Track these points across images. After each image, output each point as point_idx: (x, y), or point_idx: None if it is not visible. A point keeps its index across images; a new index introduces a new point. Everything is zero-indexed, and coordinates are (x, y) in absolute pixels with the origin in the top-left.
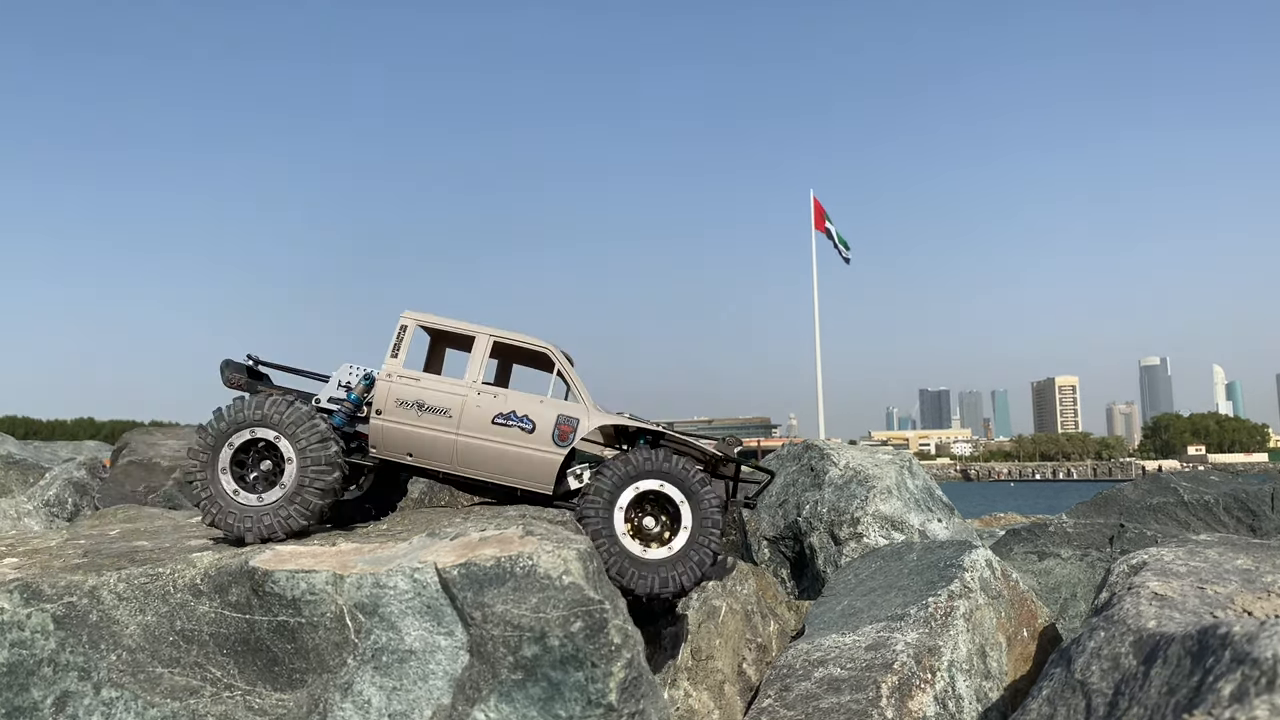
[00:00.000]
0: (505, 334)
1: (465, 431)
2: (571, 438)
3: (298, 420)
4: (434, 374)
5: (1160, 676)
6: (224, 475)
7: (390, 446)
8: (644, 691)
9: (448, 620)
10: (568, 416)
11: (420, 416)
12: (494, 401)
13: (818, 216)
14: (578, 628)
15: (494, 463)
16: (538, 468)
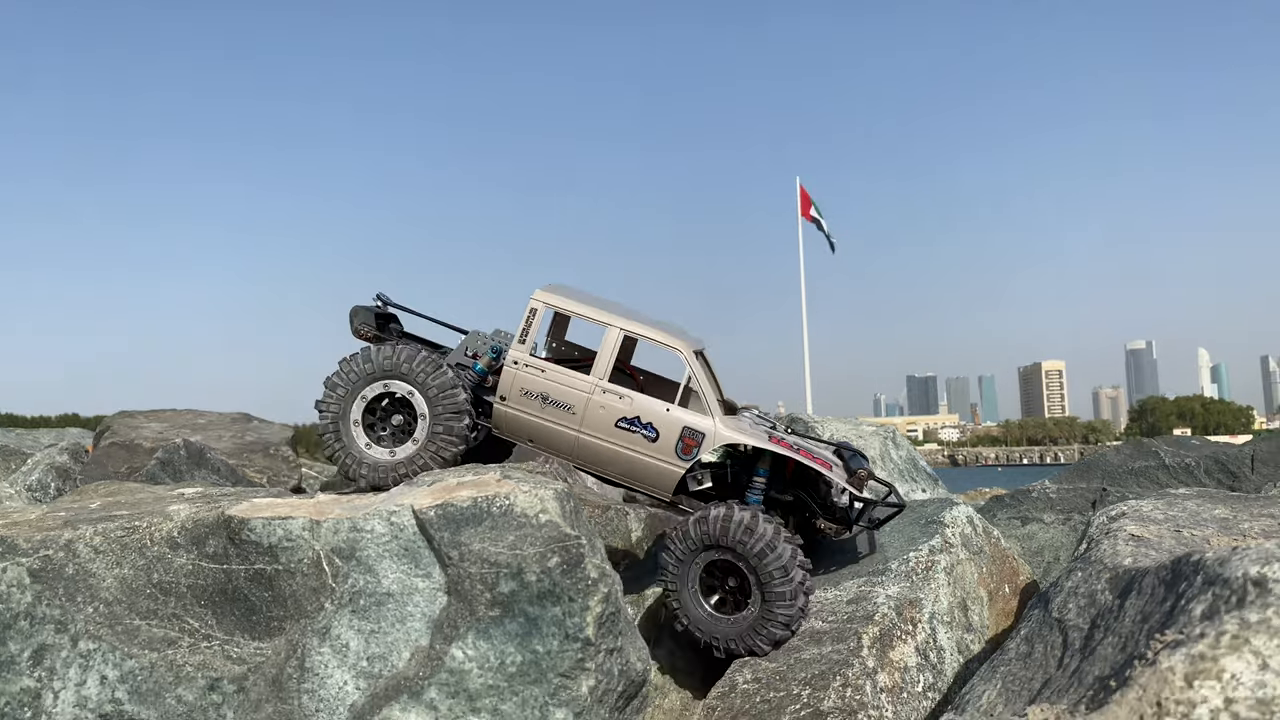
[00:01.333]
0: (638, 328)
1: (587, 430)
2: (695, 453)
3: (442, 385)
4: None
5: (1134, 606)
6: (356, 428)
7: (513, 432)
8: (621, 629)
9: (425, 562)
10: (693, 430)
11: (544, 409)
12: (619, 404)
13: (804, 204)
14: (554, 563)
15: (613, 465)
16: (658, 478)
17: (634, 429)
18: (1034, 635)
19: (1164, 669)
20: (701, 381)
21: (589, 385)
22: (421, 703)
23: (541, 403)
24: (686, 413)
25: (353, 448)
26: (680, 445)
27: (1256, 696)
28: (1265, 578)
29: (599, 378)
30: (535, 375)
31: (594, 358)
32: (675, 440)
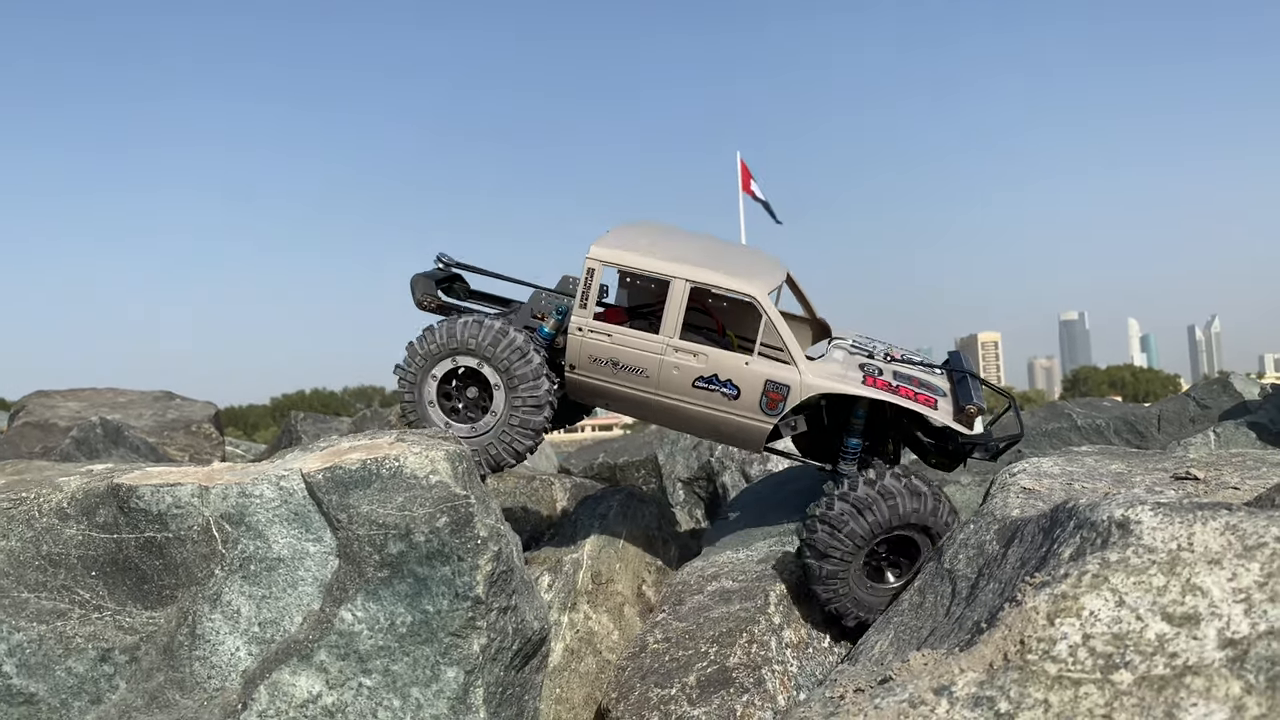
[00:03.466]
0: (705, 276)
1: (664, 393)
2: (781, 406)
3: (524, 376)
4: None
5: (1015, 554)
6: (433, 409)
7: (587, 398)
8: (515, 587)
9: (316, 526)
10: (777, 383)
11: (615, 374)
12: (694, 363)
13: (744, 178)
14: (443, 523)
15: (696, 424)
16: (744, 434)
17: (712, 387)
18: (926, 586)
19: (1028, 608)
20: (781, 329)
21: (660, 345)
22: (312, 665)
23: (613, 368)
24: (768, 364)
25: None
26: (765, 400)
27: (1112, 631)
28: (1128, 520)
29: (669, 335)
30: (602, 340)
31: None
32: (759, 396)
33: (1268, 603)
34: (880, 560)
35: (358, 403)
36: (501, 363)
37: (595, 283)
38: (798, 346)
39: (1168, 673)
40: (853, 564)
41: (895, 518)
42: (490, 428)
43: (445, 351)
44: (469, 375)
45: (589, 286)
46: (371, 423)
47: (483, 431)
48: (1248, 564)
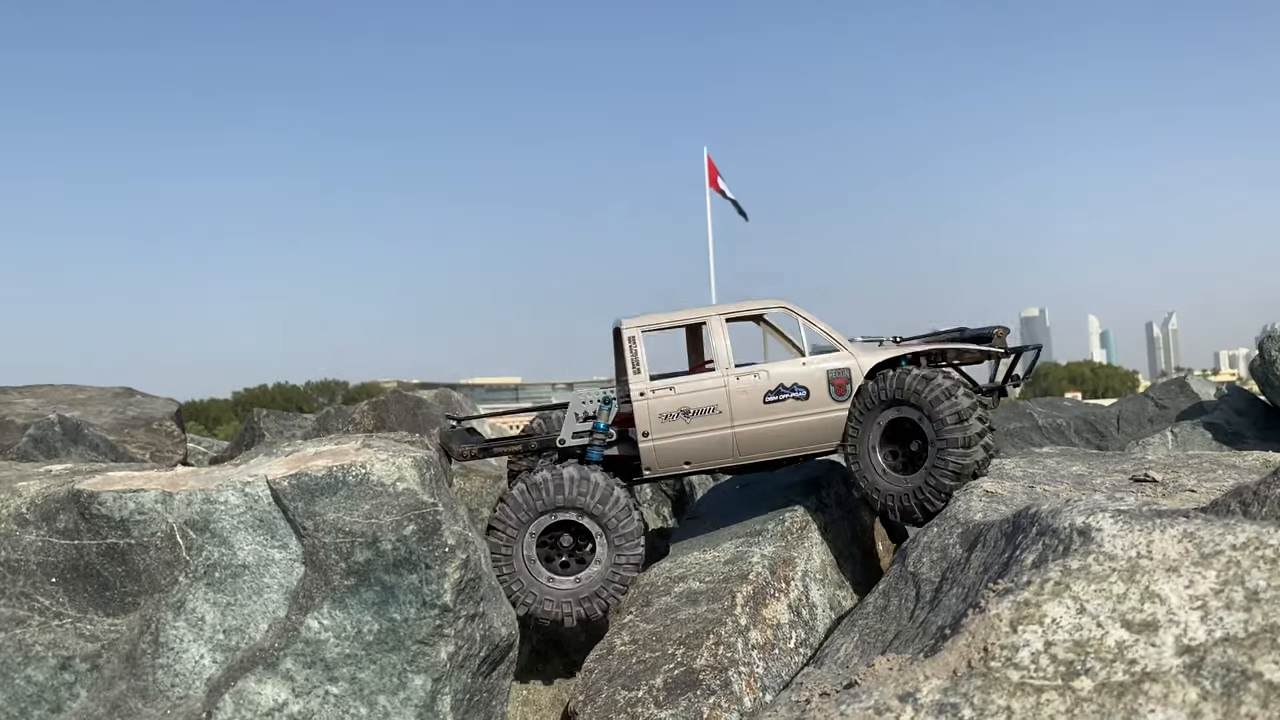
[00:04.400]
0: (732, 307)
1: (740, 421)
2: (848, 389)
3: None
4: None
5: (979, 558)
6: (533, 565)
7: (667, 463)
8: (483, 594)
9: (281, 533)
10: (837, 369)
11: (690, 423)
12: (758, 381)
13: (711, 175)
14: (410, 531)
15: (777, 441)
16: (824, 431)
17: (782, 396)
18: (890, 589)
19: (992, 615)
20: (820, 325)
21: (721, 378)
22: (278, 673)
23: (686, 419)
24: (821, 357)
25: (531, 585)
26: (833, 389)
27: (1074, 639)
28: (1089, 528)
29: (727, 367)
30: (668, 395)
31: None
32: (826, 387)
33: (1223, 610)
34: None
35: (321, 397)
36: (611, 521)
37: (641, 349)
38: (840, 335)
39: (1127, 679)
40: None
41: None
42: (594, 579)
43: (550, 507)
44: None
45: (636, 354)
46: (336, 420)
47: (587, 583)
48: (1204, 571)
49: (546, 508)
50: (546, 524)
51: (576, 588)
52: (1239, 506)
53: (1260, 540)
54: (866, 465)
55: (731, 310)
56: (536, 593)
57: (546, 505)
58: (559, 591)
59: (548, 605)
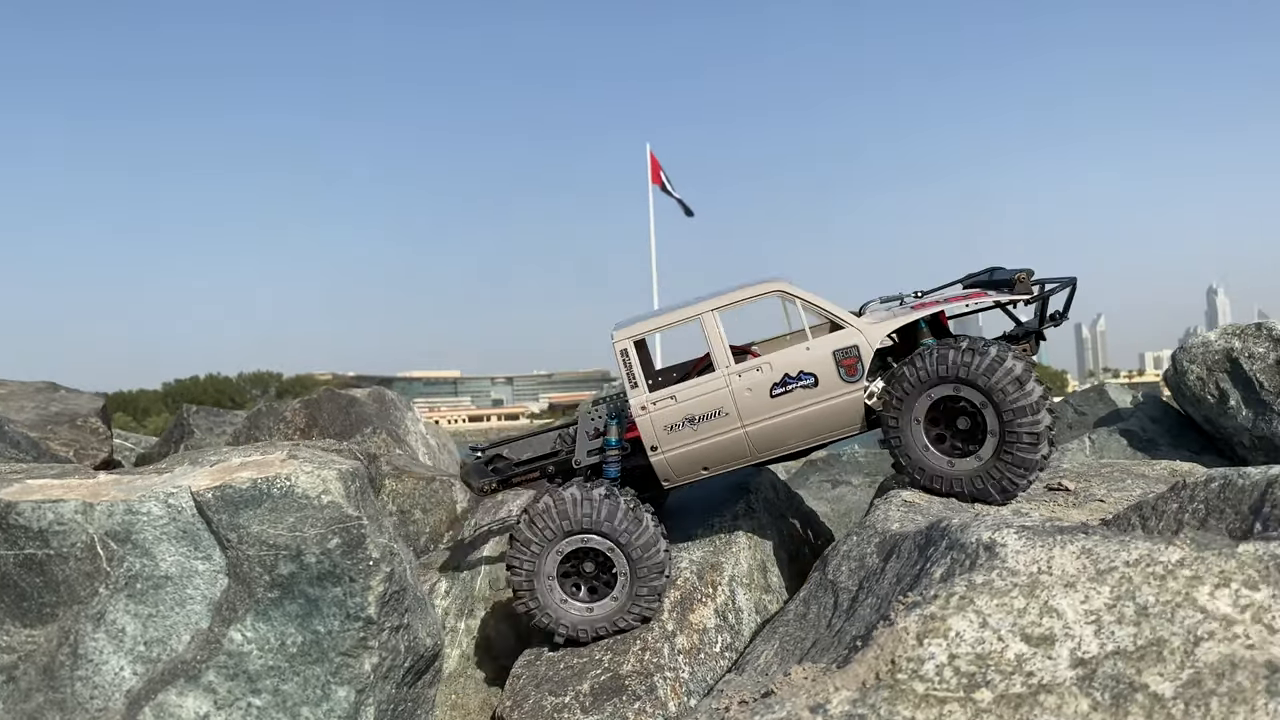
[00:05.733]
0: (726, 299)
1: (750, 420)
2: (859, 368)
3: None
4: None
5: (893, 569)
6: (553, 589)
7: (683, 473)
8: (408, 606)
9: (205, 544)
10: (844, 348)
11: (697, 430)
12: (761, 375)
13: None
14: (335, 544)
15: (794, 434)
16: (840, 415)
17: (790, 387)
18: (811, 597)
19: (899, 629)
20: (820, 302)
21: (722, 379)
22: (199, 686)
23: (692, 427)
24: (825, 338)
25: (549, 605)
26: (842, 371)
27: (976, 651)
28: (995, 543)
29: (725, 365)
30: (670, 405)
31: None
32: (835, 369)
33: (1115, 624)
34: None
35: (254, 389)
36: (636, 551)
37: (634, 361)
38: (842, 309)
39: (1024, 691)
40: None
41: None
42: (622, 599)
43: (568, 531)
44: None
45: (630, 368)
46: (267, 418)
47: (617, 604)
48: (1099, 587)
49: (556, 535)
50: (566, 551)
51: (610, 607)
52: (1139, 520)
53: (1152, 557)
54: (909, 441)
55: (725, 302)
56: (553, 614)
57: (555, 533)
58: (573, 616)
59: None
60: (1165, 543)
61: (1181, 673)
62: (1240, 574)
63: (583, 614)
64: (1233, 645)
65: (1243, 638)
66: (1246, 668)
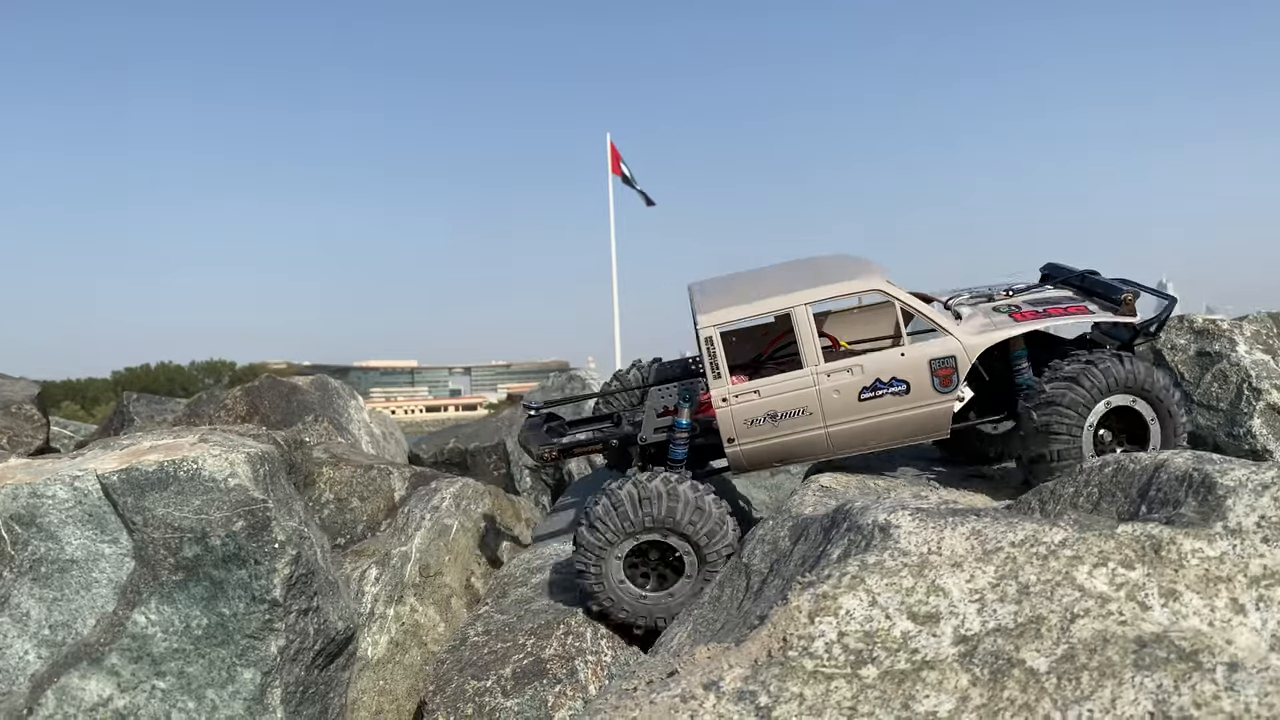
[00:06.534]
0: (821, 292)
1: (834, 421)
2: (955, 379)
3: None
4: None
5: (800, 551)
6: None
7: (758, 465)
8: (318, 589)
9: (112, 528)
10: (942, 358)
11: (778, 427)
12: (851, 378)
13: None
14: (240, 527)
15: (877, 438)
16: (930, 424)
17: (880, 392)
18: (726, 580)
19: (792, 607)
20: (919, 306)
21: (809, 377)
22: (103, 669)
23: (773, 423)
24: (921, 345)
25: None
26: (937, 381)
27: (864, 629)
28: (889, 524)
29: (814, 364)
30: (752, 400)
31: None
32: (929, 379)
33: (998, 602)
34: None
35: (206, 378)
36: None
37: (719, 349)
38: (943, 315)
39: (908, 667)
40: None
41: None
42: (685, 591)
43: (640, 529)
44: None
45: (715, 357)
46: (208, 405)
47: (657, 600)
48: (985, 567)
49: (634, 529)
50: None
51: (670, 599)
52: (1038, 504)
53: (1036, 538)
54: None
55: (819, 296)
56: (615, 598)
57: (634, 527)
58: (636, 601)
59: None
60: (1050, 524)
61: (1057, 648)
62: (1118, 554)
63: (660, 601)
64: (1106, 622)
65: (1116, 615)
66: (1117, 643)
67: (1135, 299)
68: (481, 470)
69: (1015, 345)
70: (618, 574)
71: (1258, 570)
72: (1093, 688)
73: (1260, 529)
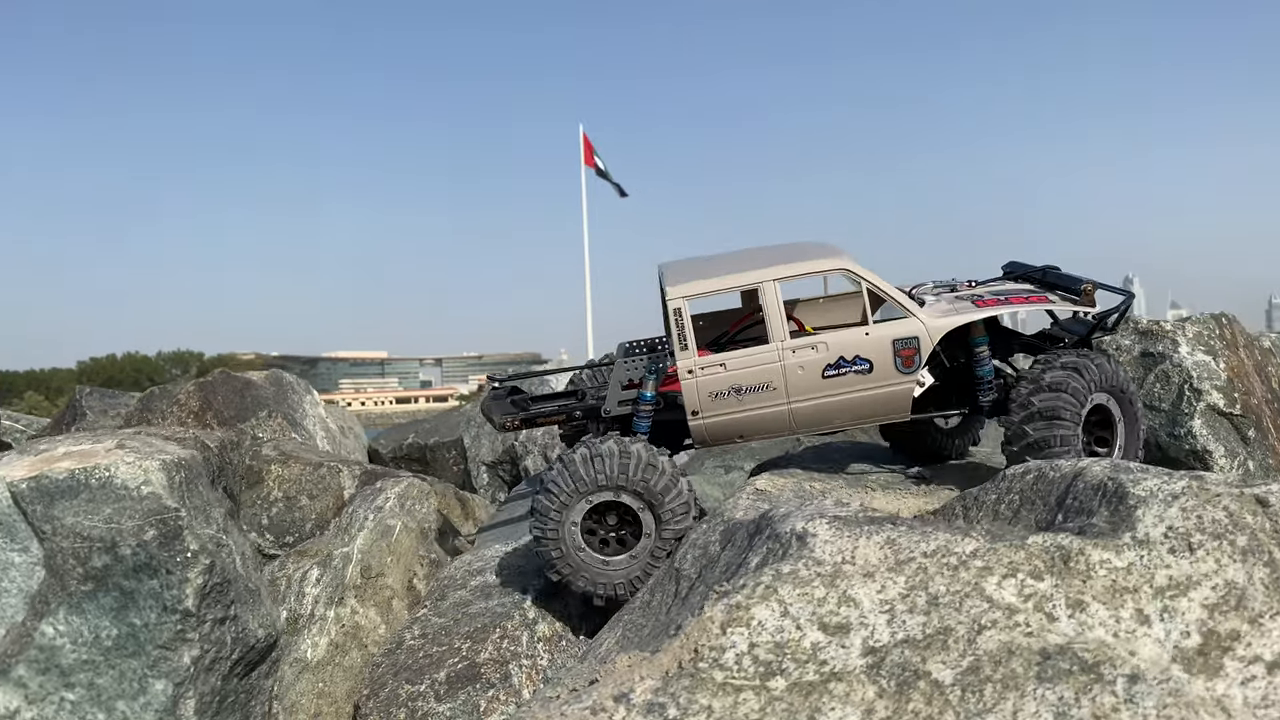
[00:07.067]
0: (790, 269)
1: (798, 398)
2: (917, 360)
3: (666, 491)
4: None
5: (726, 558)
6: (574, 530)
7: (719, 439)
8: (235, 598)
9: (22, 536)
10: (905, 338)
11: (742, 401)
12: (815, 355)
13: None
14: (151, 536)
15: (838, 416)
16: (890, 403)
17: (843, 370)
18: (657, 584)
19: (705, 618)
20: (885, 288)
21: (775, 352)
22: (9, 680)
23: (737, 396)
24: (886, 325)
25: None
26: (899, 361)
27: (775, 640)
28: (806, 533)
29: (780, 340)
30: (717, 373)
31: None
32: (891, 358)
33: (907, 614)
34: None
35: (174, 368)
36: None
37: (687, 321)
38: (906, 298)
39: (816, 679)
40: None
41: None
42: (621, 568)
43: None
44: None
45: (682, 328)
46: (160, 400)
47: (612, 568)
48: (896, 577)
49: (587, 488)
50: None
51: (603, 569)
52: (962, 510)
53: (948, 549)
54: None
55: (786, 273)
56: (573, 564)
57: (587, 486)
58: (589, 567)
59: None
60: (963, 534)
61: (963, 660)
62: (1027, 564)
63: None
64: (1012, 634)
65: (1023, 626)
66: (1022, 655)
67: (1095, 289)
68: (441, 466)
69: (976, 332)
70: (575, 539)
71: (1163, 581)
72: (995, 700)
73: (1167, 540)
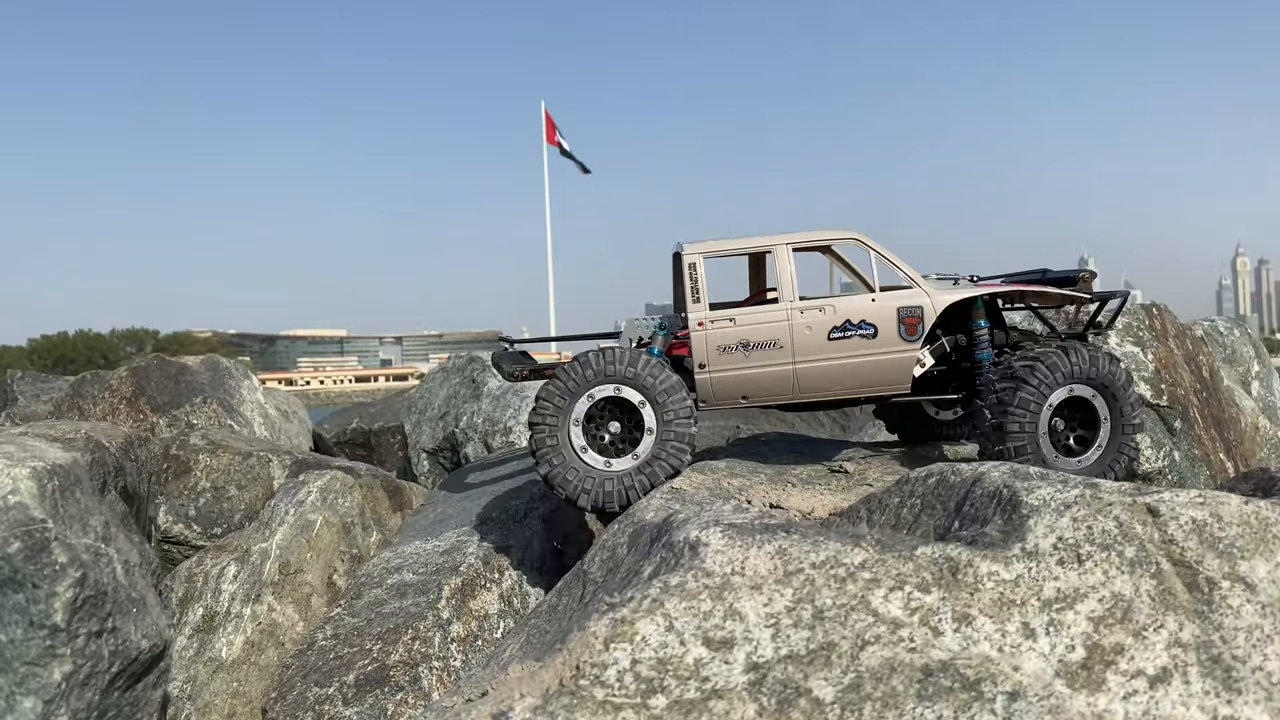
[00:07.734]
0: (801, 237)
1: (802, 358)
2: (920, 329)
3: (670, 391)
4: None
5: (628, 563)
6: (575, 427)
7: (723, 397)
8: (113, 609)
9: None
10: (909, 307)
11: (749, 357)
12: (823, 316)
13: (549, 130)
14: (15, 549)
15: (840, 381)
16: (890, 372)
17: (848, 333)
18: (564, 588)
19: (589, 633)
20: (894, 258)
21: (784, 311)
22: None
23: (745, 352)
24: (893, 294)
25: (563, 447)
26: (903, 329)
27: (658, 656)
28: (699, 542)
29: (790, 300)
30: (727, 327)
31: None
32: (896, 325)
33: (792, 628)
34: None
35: (128, 346)
36: (660, 396)
37: (701, 276)
38: (914, 270)
39: (697, 696)
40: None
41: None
42: (622, 470)
43: (619, 376)
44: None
45: (696, 282)
46: (92, 385)
47: (613, 470)
48: (784, 589)
49: (614, 377)
50: (607, 394)
51: (603, 471)
52: (866, 513)
53: (836, 559)
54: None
55: (799, 239)
56: (565, 456)
57: (616, 374)
58: (586, 466)
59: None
60: (853, 544)
61: (845, 677)
62: (915, 576)
63: (600, 467)
64: (896, 649)
65: (906, 641)
66: (903, 671)
67: (1092, 278)
68: (385, 451)
69: (977, 316)
70: (579, 439)
71: (1051, 593)
72: (874, 719)
73: (1057, 551)
